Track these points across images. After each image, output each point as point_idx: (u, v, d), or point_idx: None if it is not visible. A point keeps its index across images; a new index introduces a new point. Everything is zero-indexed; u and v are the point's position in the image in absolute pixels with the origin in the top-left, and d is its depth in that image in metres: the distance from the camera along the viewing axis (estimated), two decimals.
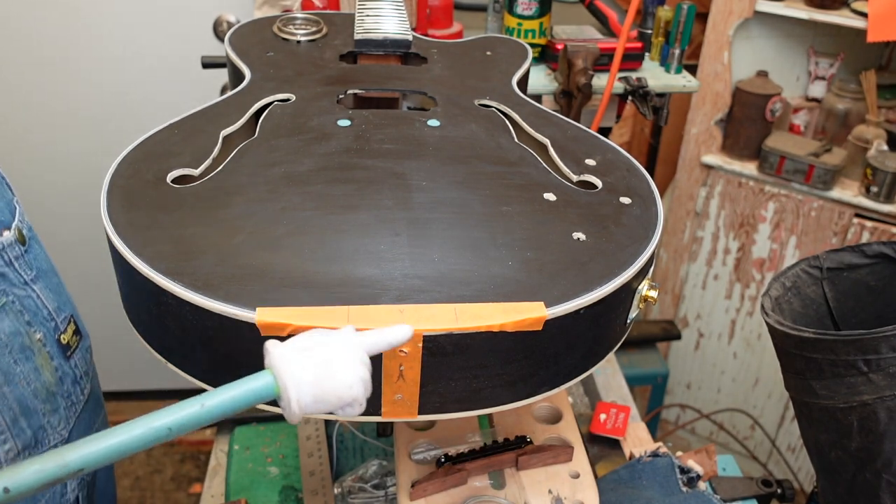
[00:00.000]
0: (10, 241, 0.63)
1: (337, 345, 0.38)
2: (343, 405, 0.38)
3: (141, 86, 1.66)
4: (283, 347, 0.37)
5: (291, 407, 0.36)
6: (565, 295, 0.48)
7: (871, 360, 0.65)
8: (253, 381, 0.36)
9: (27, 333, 0.63)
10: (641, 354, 1.55)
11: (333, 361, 0.37)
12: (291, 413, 0.37)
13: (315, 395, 0.37)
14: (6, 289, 0.62)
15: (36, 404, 0.64)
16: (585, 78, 0.93)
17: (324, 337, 0.38)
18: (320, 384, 0.37)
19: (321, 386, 0.37)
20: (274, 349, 0.37)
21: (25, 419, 0.62)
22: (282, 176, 0.57)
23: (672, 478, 0.73)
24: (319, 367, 0.37)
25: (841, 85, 1.56)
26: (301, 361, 0.37)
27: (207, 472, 0.90)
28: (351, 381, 0.37)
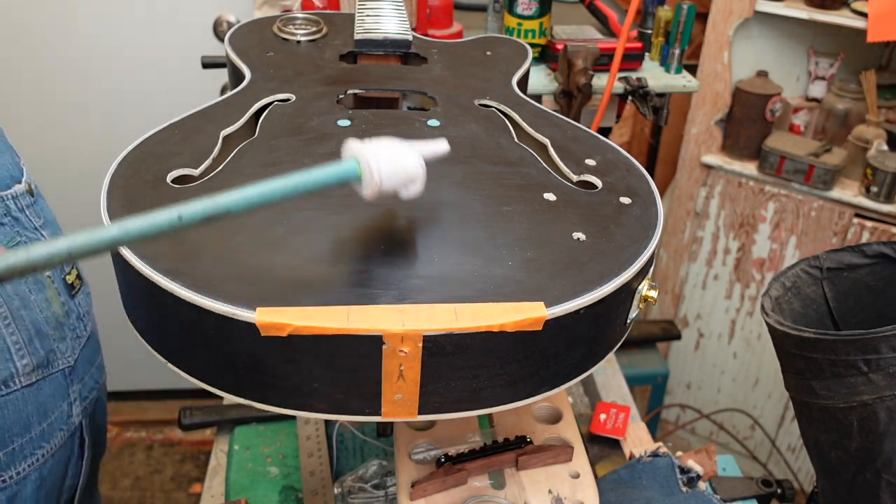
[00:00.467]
0: (21, 191, 0.72)
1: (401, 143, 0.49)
2: (410, 181, 0.49)
3: (141, 86, 1.66)
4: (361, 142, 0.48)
5: (373, 178, 0.47)
6: (565, 295, 0.48)
7: (871, 360, 0.65)
8: (341, 165, 0.47)
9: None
10: (641, 354, 1.55)
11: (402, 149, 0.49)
12: (373, 184, 0.47)
13: (389, 170, 0.47)
14: (20, 230, 0.71)
15: (47, 330, 0.72)
16: (585, 78, 0.93)
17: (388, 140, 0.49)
18: (394, 161, 0.48)
19: (395, 162, 0.48)
20: (355, 143, 0.48)
21: (39, 340, 0.71)
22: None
23: (672, 478, 0.73)
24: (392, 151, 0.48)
25: (841, 85, 1.56)
26: (378, 147, 0.48)
27: (207, 472, 0.90)
28: (416, 162, 0.49)
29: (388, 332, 0.45)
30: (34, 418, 0.70)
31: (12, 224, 0.70)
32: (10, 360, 0.68)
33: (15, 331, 0.68)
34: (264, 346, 0.46)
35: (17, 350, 0.68)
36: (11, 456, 0.69)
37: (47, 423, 0.72)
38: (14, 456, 0.69)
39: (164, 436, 2.00)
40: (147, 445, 1.98)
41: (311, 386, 0.48)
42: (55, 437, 0.73)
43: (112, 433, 1.99)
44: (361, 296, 0.47)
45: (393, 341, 0.45)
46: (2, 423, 0.67)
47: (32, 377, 0.70)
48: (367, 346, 0.45)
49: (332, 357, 0.46)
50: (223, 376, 0.49)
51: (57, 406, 0.73)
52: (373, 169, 0.47)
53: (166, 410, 2.03)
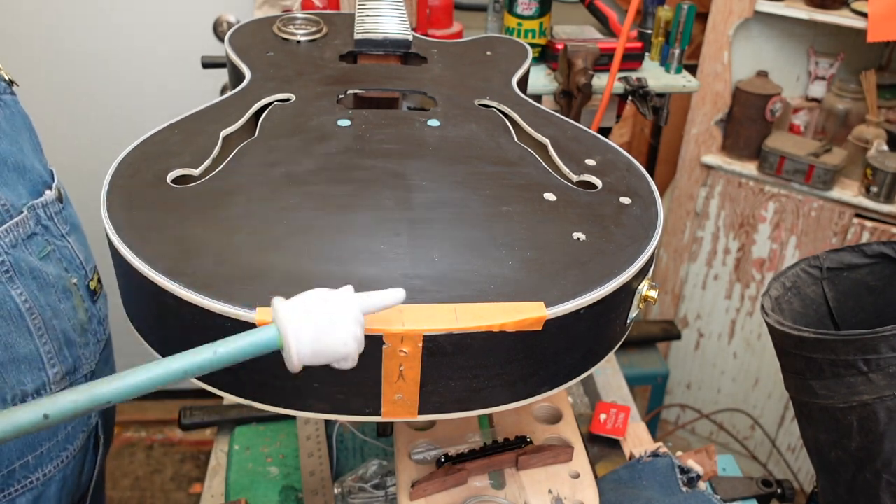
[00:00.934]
0: (51, 198, 0.73)
1: (336, 304, 0.42)
2: (338, 359, 0.42)
3: (141, 86, 1.66)
4: (287, 305, 0.41)
5: (292, 359, 0.41)
6: (565, 295, 0.48)
7: (871, 360, 0.65)
8: (261, 332, 0.41)
9: (66, 278, 0.73)
10: (641, 354, 1.55)
11: (332, 320, 0.41)
12: (292, 365, 0.41)
13: (314, 350, 0.41)
14: (49, 239, 0.72)
15: (74, 337, 0.74)
16: (585, 78, 0.93)
17: (325, 295, 0.42)
18: (319, 340, 0.41)
19: (320, 342, 0.41)
20: (279, 305, 0.41)
21: (68, 349, 0.73)
22: (282, 176, 0.57)
23: (672, 478, 0.73)
24: (319, 324, 0.41)
25: (841, 85, 1.56)
26: (302, 319, 0.41)
27: (207, 472, 0.90)
28: (346, 339, 0.41)
29: (388, 332, 0.45)
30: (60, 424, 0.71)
31: (43, 233, 0.71)
32: (43, 370, 0.69)
33: (47, 341, 0.70)
34: None
35: (48, 359, 0.70)
36: (39, 459, 0.70)
37: (72, 426, 0.74)
38: (41, 459, 0.71)
39: (164, 436, 2.00)
40: (147, 445, 1.97)
41: (311, 386, 0.48)
42: (77, 438, 0.75)
43: None
44: None
45: (393, 341, 0.45)
46: None
47: (62, 384, 0.72)
48: (367, 346, 0.45)
49: None
50: (223, 376, 0.49)
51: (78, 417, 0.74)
52: (293, 352, 0.40)
53: (166, 410, 2.03)
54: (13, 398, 0.66)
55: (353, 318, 0.42)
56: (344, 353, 0.42)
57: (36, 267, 0.69)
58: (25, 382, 0.68)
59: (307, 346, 0.41)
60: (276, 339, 0.41)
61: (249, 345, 0.40)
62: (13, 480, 0.69)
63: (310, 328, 0.41)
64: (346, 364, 0.43)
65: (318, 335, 0.41)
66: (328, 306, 0.41)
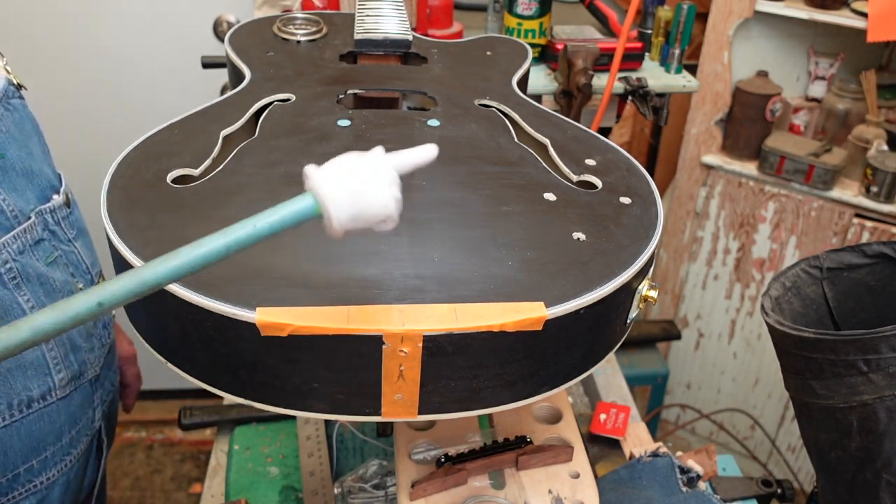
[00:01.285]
0: (59, 203, 0.72)
1: (369, 165, 0.41)
2: (379, 220, 0.41)
3: (141, 86, 1.66)
4: (321, 171, 0.40)
5: (332, 224, 0.40)
6: (565, 295, 0.48)
7: (871, 360, 0.65)
8: (298, 202, 0.40)
9: (72, 283, 0.73)
10: (641, 354, 1.55)
11: (368, 181, 0.40)
12: (333, 230, 0.40)
13: (352, 214, 0.40)
14: (56, 244, 0.71)
15: (80, 342, 0.73)
16: (585, 78, 0.93)
17: (357, 158, 0.41)
18: (356, 203, 0.40)
19: (357, 205, 0.40)
20: (313, 172, 0.40)
21: (73, 354, 0.72)
22: (282, 176, 0.57)
23: (672, 478, 0.73)
24: (355, 187, 0.40)
25: (841, 85, 1.56)
26: (338, 182, 0.39)
27: (207, 472, 0.90)
28: (385, 200, 0.40)
29: (388, 332, 0.45)
30: (65, 427, 0.72)
31: (50, 238, 0.70)
32: (49, 375, 0.69)
33: (53, 346, 0.69)
34: (264, 346, 0.46)
35: (54, 365, 0.70)
36: (43, 463, 0.70)
37: (76, 430, 0.74)
38: (46, 463, 0.70)
39: (164, 436, 2.00)
40: (147, 445, 1.98)
41: (311, 386, 0.48)
42: (81, 442, 0.75)
43: None
44: (361, 296, 0.47)
45: (393, 341, 0.45)
46: (38, 433, 0.68)
47: (67, 389, 0.71)
48: (367, 346, 0.45)
49: (333, 357, 0.46)
50: (223, 376, 0.49)
51: (84, 413, 0.75)
52: (332, 215, 0.40)
53: (166, 410, 2.03)
54: (18, 403, 0.66)
55: (389, 177, 0.41)
56: (384, 214, 0.41)
57: (43, 273, 0.68)
58: (31, 388, 0.67)
59: (345, 210, 0.40)
60: (314, 206, 0.40)
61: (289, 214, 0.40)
62: (17, 484, 0.68)
63: (346, 191, 0.39)
64: (386, 226, 0.42)
65: (356, 197, 0.40)
66: (362, 168, 0.40)
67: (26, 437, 0.67)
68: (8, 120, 0.68)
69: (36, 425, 0.68)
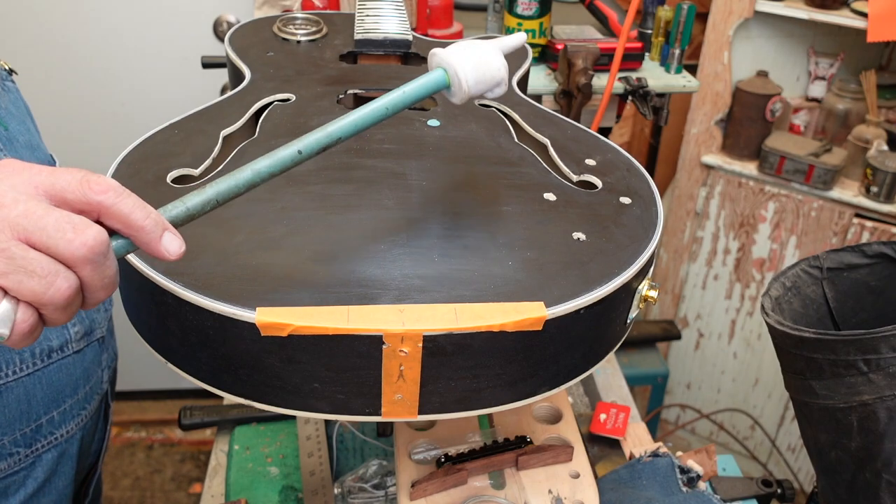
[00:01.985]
0: None
1: (482, 43, 0.51)
2: (495, 85, 0.51)
3: (141, 86, 1.66)
4: (447, 48, 0.50)
5: (462, 87, 0.50)
6: (565, 295, 0.48)
7: (871, 360, 0.65)
8: (429, 76, 0.50)
9: None
10: (641, 354, 1.55)
11: (485, 52, 0.50)
12: (462, 92, 0.50)
13: (476, 77, 0.50)
14: None
15: None
16: (585, 78, 0.93)
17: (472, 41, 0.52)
18: (479, 69, 0.50)
19: (479, 70, 0.50)
20: (439, 50, 0.51)
21: (85, 311, 0.75)
22: (281, 176, 0.57)
23: (672, 478, 0.73)
24: (477, 58, 0.50)
25: (841, 85, 1.56)
26: (462, 55, 0.50)
27: (207, 472, 0.90)
28: (499, 65, 0.51)
29: (388, 332, 0.45)
30: (81, 381, 0.75)
31: None
32: (65, 327, 0.72)
33: None
34: (264, 346, 0.46)
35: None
36: (63, 415, 0.73)
37: (89, 386, 0.77)
38: (65, 416, 0.74)
39: (164, 436, 2.00)
40: (147, 445, 1.97)
41: (311, 386, 0.48)
42: (94, 399, 0.78)
43: (112, 433, 1.99)
44: (361, 296, 0.47)
45: (393, 341, 0.45)
46: (58, 384, 0.72)
47: (81, 344, 0.74)
48: (367, 346, 0.45)
49: (332, 357, 0.46)
50: (223, 376, 0.49)
51: (95, 371, 0.78)
52: (461, 77, 0.49)
53: (166, 410, 2.03)
54: (41, 353, 0.69)
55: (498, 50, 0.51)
56: (500, 77, 0.51)
57: None
58: (51, 338, 0.71)
59: (472, 75, 0.49)
60: (444, 77, 0.50)
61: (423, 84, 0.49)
62: (39, 436, 0.71)
63: (470, 60, 0.49)
64: (499, 90, 0.52)
65: (478, 65, 0.50)
66: (478, 45, 0.51)
67: (48, 386, 0.71)
68: (5, 98, 0.70)
69: (56, 375, 0.71)
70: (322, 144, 0.46)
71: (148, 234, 0.39)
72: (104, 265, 0.38)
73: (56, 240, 0.36)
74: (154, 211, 0.40)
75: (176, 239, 0.40)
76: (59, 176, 0.38)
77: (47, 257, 0.36)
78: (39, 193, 0.37)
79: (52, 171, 0.38)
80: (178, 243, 0.40)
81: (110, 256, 0.38)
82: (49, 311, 0.37)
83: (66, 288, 0.37)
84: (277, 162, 0.44)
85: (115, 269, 0.39)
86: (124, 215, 0.38)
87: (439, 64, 0.50)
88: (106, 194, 0.38)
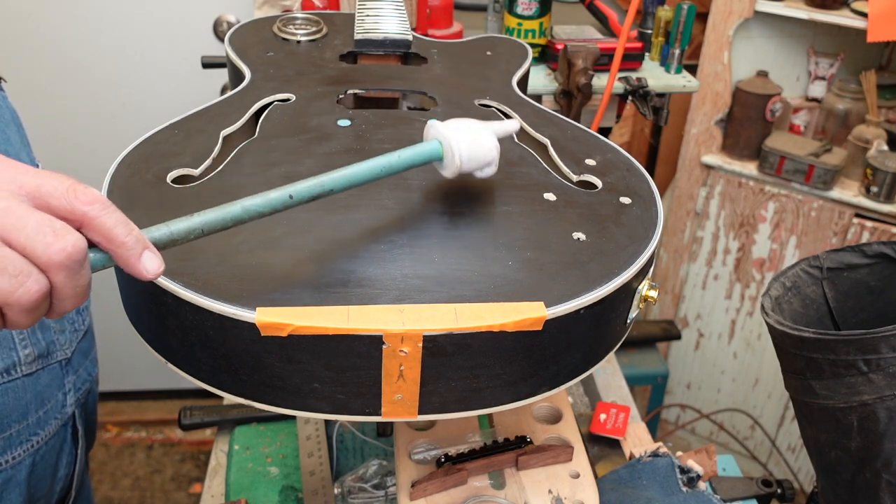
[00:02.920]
0: None
1: (476, 123, 0.54)
2: (486, 164, 0.53)
3: (141, 86, 1.66)
4: (444, 123, 0.53)
5: (455, 161, 0.52)
6: (565, 295, 0.48)
7: (871, 360, 0.65)
8: (425, 145, 0.52)
9: None
10: (641, 354, 1.55)
11: (479, 131, 0.53)
12: (454, 166, 0.52)
13: (469, 155, 0.52)
14: None
15: (49, 322, 0.74)
16: (585, 78, 0.93)
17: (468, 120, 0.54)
18: (471, 147, 0.52)
19: (472, 148, 0.52)
20: (437, 123, 0.53)
21: (41, 332, 0.72)
22: (282, 176, 0.57)
23: (672, 478, 0.73)
24: (471, 137, 0.52)
25: (841, 85, 1.56)
26: (457, 131, 0.52)
27: (207, 472, 0.90)
28: (491, 146, 0.53)
29: (388, 332, 0.45)
30: (32, 406, 0.72)
31: None
32: (14, 350, 0.70)
33: None
34: (264, 346, 0.46)
35: (20, 340, 0.70)
36: (8, 441, 0.70)
37: (43, 411, 0.74)
38: (10, 441, 0.71)
39: (164, 436, 2.00)
40: (147, 445, 1.97)
41: (311, 386, 0.48)
42: (50, 425, 0.75)
43: (112, 433, 1.99)
44: (361, 296, 0.47)
45: (393, 341, 0.45)
46: (2, 408, 0.69)
47: (33, 367, 0.72)
48: (367, 346, 0.45)
49: (332, 357, 0.46)
50: (223, 376, 0.49)
51: (53, 395, 0.75)
52: (454, 152, 0.51)
53: (166, 410, 2.04)
54: None
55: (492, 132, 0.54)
56: (491, 157, 0.53)
57: None
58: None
59: (465, 152, 0.52)
60: (438, 149, 0.52)
61: (420, 153, 0.51)
62: None
63: (464, 137, 0.52)
64: (489, 170, 0.54)
65: (471, 143, 0.52)
66: (472, 124, 0.53)
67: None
68: None
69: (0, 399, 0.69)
70: (314, 193, 0.47)
71: (128, 250, 0.39)
72: (79, 274, 0.37)
73: (34, 242, 0.35)
74: (136, 229, 0.40)
75: (156, 259, 0.40)
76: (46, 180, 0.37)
77: (21, 257, 0.36)
78: (23, 194, 0.37)
79: (38, 174, 0.38)
80: (157, 263, 0.40)
81: (86, 266, 0.38)
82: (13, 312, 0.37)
83: (36, 291, 0.36)
84: (267, 203, 0.45)
85: (87, 280, 0.39)
86: (107, 229, 0.38)
87: (436, 136, 0.53)
88: (91, 206, 0.38)
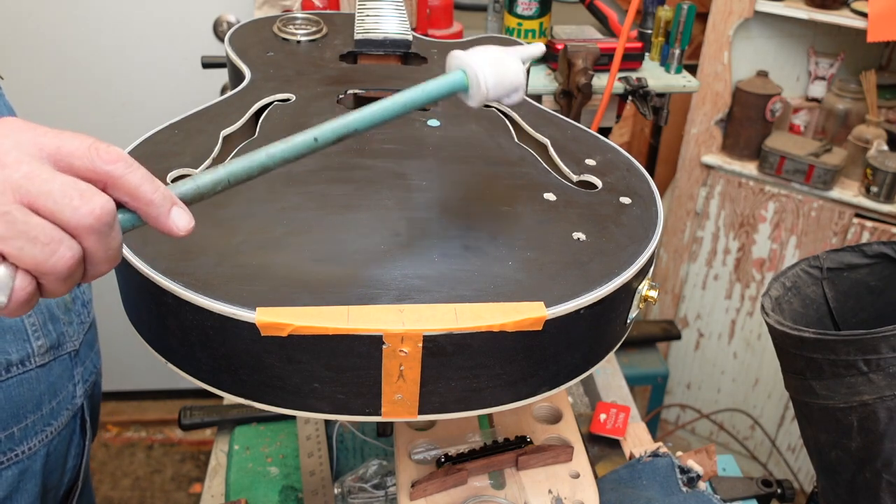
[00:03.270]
0: None
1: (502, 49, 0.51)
2: (513, 90, 0.51)
3: (141, 86, 1.66)
4: (468, 52, 0.50)
5: (481, 89, 0.49)
6: (565, 295, 0.48)
7: (871, 360, 0.65)
8: (449, 76, 0.50)
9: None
10: (641, 354, 1.55)
11: (505, 59, 0.50)
12: (480, 94, 0.50)
13: (496, 81, 0.50)
14: None
15: (59, 314, 0.75)
16: (585, 78, 0.93)
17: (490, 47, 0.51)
18: (498, 73, 0.50)
19: (498, 74, 0.50)
20: (460, 53, 0.51)
21: (52, 324, 0.73)
22: (282, 176, 0.57)
23: (672, 478, 0.73)
24: (497, 62, 0.50)
25: (841, 85, 1.56)
26: (482, 59, 0.50)
27: (207, 472, 0.90)
28: (517, 71, 0.51)
29: (388, 332, 0.45)
30: (45, 396, 0.73)
31: None
32: (28, 341, 0.70)
33: (32, 313, 0.70)
34: (264, 346, 0.46)
35: (33, 332, 0.71)
36: (24, 431, 0.71)
37: (56, 401, 0.75)
38: (26, 432, 0.72)
39: (164, 436, 2.00)
40: (147, 445, 1.97)
41: (311, 386, 0.48)
42: (62, 415, 0.76)
43: (112, 433, 1.99)
44: (361, 296, 0.47)
45: (393, 341, 0.45)
46: (18, 399, 0.70)
47: (45, 358, 0.72)
48: (367, 346, 0.45)
49: (332, 357, 0.46)
50: (223, 376, 0.49)
51: (64, 386, 0.76)
52: (480, 80, 0.49)
53: (166, 410, 2.03)
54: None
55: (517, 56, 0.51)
56: (518, 82, 0.51)
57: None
58: (10, 352, 0.68)
59: (491, 79, 0.49)
60: (463, 79, 0.50)
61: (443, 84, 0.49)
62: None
63: (490, 63, 0.49)
64: (516, 96, 0.51)
65: (496, 69, 0.49)
66: (497, 50, 0.51)
67: (6, 401, 0.69)
68: None
69: (16, 390, 0.69)
70: (339, 134, 0.45)
71: (157, 207, 0.38)
72: (109, 236, 0.36)
73: (62, 206, 0.34)
74: (163, 186, 0.38)
75: (185, 214, 0.39)
76: (67, 140, 0.36)
77: (50, 224, 0.34)
78: (44, 156, 0.35)
79: (57, 134, 0.36)
80: (186, 218, 0.39)
81: (116, 228, 0.37)
82: (49, 280, 0.35)
83: (70, 258, 0.35)
84: (292, 147, 0.43)
85: (119, 242, 0.38)
86: (133, 187, 0.37)
87: (459, 66, 0.50)
88: (115, 164, 0.36)
